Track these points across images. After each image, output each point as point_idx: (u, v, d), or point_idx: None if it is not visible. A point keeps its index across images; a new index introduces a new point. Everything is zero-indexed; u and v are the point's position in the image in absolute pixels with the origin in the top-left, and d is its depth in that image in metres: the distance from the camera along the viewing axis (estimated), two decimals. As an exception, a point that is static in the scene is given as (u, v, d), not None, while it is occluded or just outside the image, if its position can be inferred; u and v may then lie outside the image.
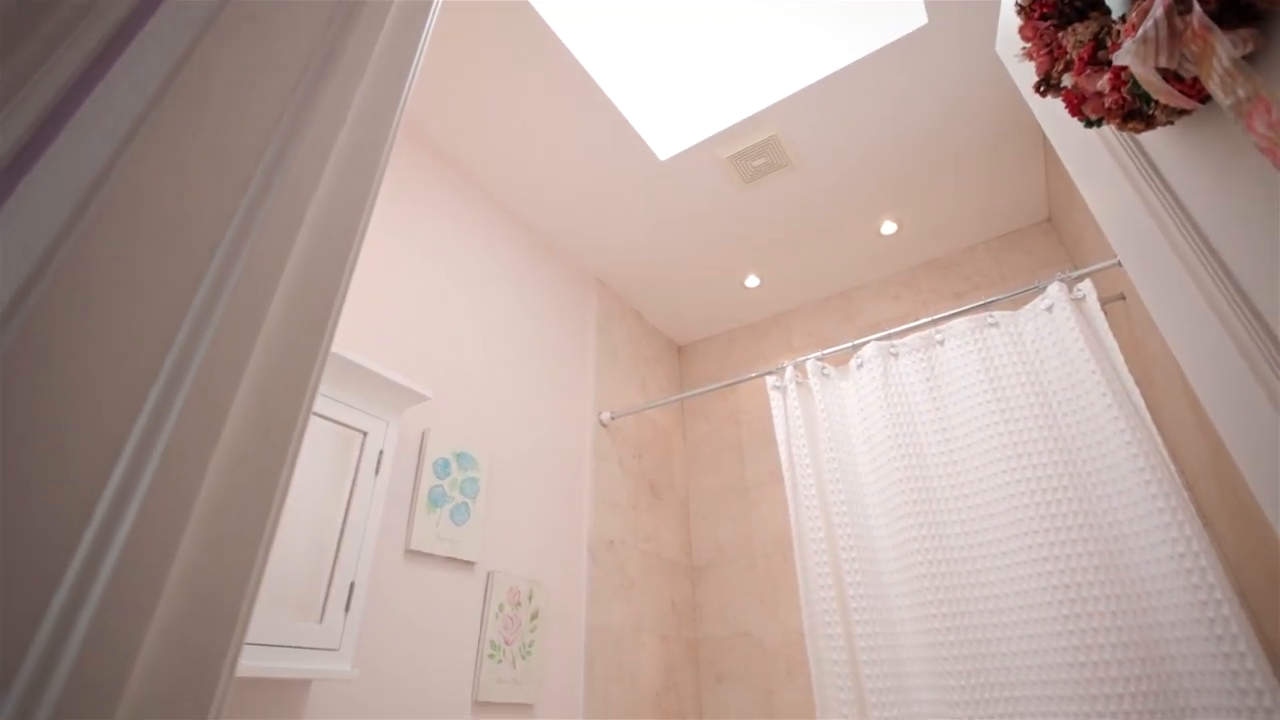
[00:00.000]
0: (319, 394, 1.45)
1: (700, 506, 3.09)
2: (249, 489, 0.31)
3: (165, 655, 0.28)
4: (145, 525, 0.27)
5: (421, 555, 1.74)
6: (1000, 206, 2.63)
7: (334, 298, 0.39)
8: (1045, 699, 1.44)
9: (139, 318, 0.31)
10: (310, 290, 0.38)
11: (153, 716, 0.26)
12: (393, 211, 2.02)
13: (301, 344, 0.37)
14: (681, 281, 3.04)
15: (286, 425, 0.34)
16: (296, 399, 0.35)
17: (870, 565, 1.81)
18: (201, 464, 0.30)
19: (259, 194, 0.37)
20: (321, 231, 0.40)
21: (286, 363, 0.35)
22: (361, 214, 0.44)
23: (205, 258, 0.34)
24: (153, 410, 0.29)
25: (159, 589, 0.28)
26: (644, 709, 2.35)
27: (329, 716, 1.42)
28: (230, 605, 0.30)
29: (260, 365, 0.33)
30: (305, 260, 0.38)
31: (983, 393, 1.79)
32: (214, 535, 0.30)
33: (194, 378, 0.31)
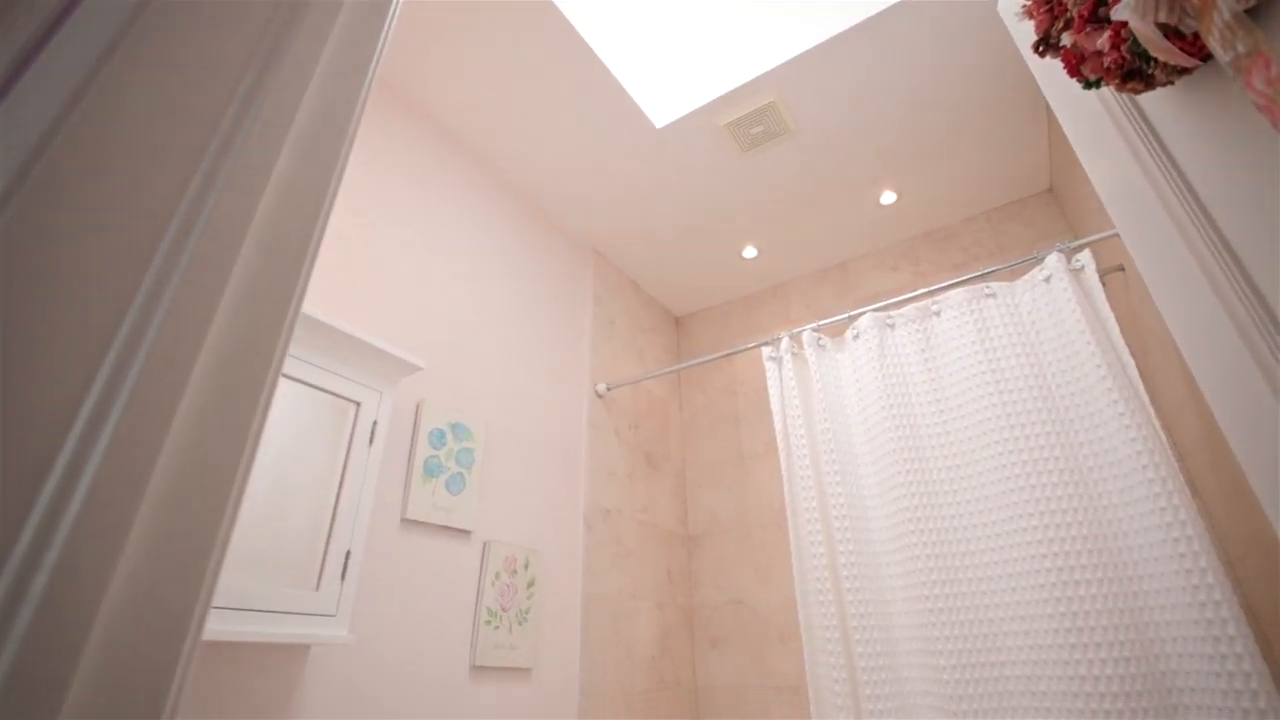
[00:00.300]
0: (311, 364, 1.45)
1: (697, 477, 3.12)
2: (213, 449, 0.31)
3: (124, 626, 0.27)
4: (100, 492, 0.27)
5: (418, 524, 1.75)
6: (1001, 176, 2.59)
7: (303, 257, 0.39)
8: (1032, 663, 1.47)
9: (96, 276, 0.31)
10: (278, 249, 0.37)
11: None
12: (386, 182, 1.99)
13: (269, 304, 0.36)
14: (679, 252, 3.02)
15: (253, 386, 0.34)
16: (265, 358, 0.35)
17: (862, 535, 1.83)
18: (165, 420, 0.29)
19: (219, 154, 0.35)
20: (290, 189, 0.39)
21: (253, 322, 0.34)
22: (333, 170, 0.43)
23: (164, 219, 0.33)
24: (108, 378, 0.28)
25: (118, 552, 0.27)
26: (639, 673, 2.40)
27: (328, 680, 1.44)
28: (194, 576, 0.30)
29: (224, 326, 0.33)
30: (272, 219, 0.37)
31: (978, 364, 1.78)
32: (175, 500, 0.29)
33: (153, 341, 0.30)
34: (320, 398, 1.49)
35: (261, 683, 1.33)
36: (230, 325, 0.33)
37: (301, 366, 1.45)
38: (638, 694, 2.36)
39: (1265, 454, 0.69)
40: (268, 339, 0.35)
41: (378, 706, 1.52)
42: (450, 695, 1.70)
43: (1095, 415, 1.58)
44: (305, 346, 1.46)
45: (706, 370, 3.33)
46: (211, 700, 1.25)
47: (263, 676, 1.34)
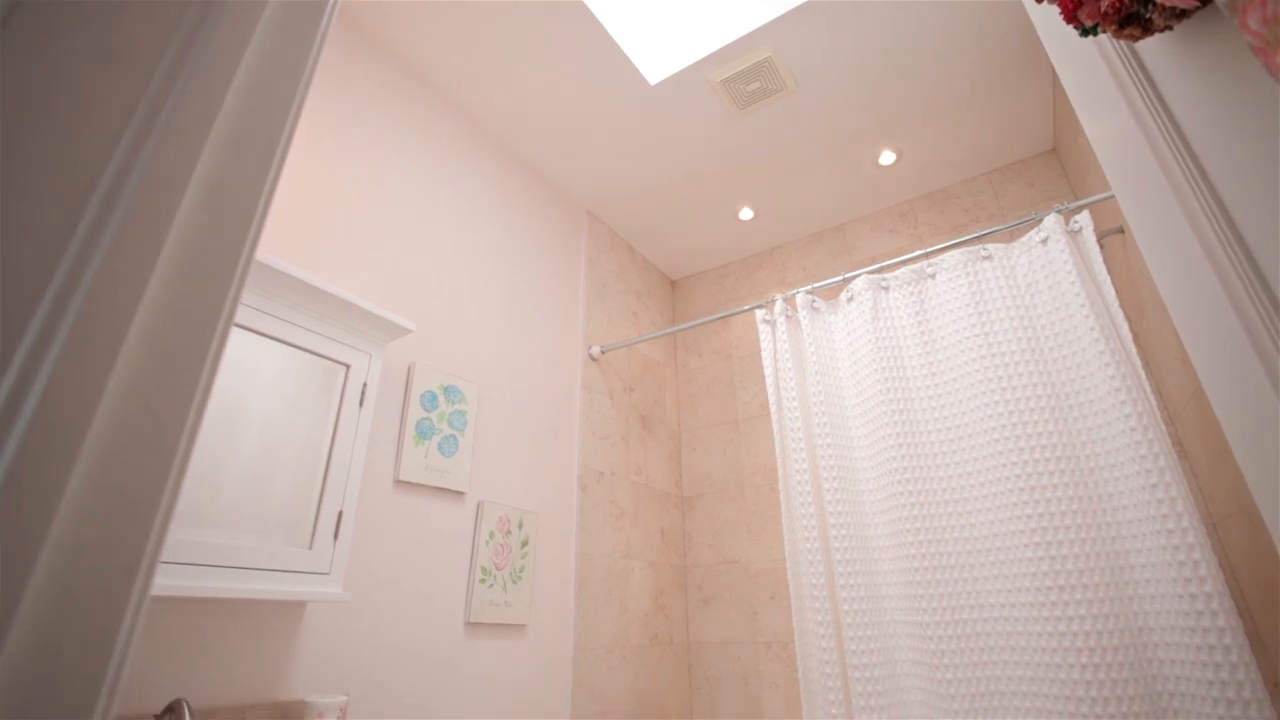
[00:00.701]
0: (298, 326, 1.44)
1: (691, 439, 3.14)
2: (156, 405, 0.30)
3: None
4: (31, 452, 0.26)
5: (411, 485, 1.77)
6: (1004, 135, 2.53)
7: (254, 208, 0.37)
8: (1013, 619, 1.50)
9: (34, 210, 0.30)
10: (225, 200, 0.36)
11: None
12: (376, 143, 1.95)
13: (216, 255, 0.35)
14: (674, 214, 2.97)
15: (200, 340, 0.33)
16: (212, 311, 0.34)
17: (852, 495, 1.85)
18: (100, 377, 0.29)
19: (157, 99, 0.34)
20: (236, 138, 0.37)
21: (198, 274, 0.33)
22: (285, 119, 0.41)
23: (98, 167, 0.32)
24: (37, 333, 0.27)
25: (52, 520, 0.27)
26: (633, 629, 2.46)
27: (326, 637, 1.48)
28: (135, 537, 0.29)
29: (166, 278, 0.32)
30: (216, 169, 0.35)
31: (971, 327, 1.77)
32: (114, 462, 0.29)
33: (87, 291, 0.29)
34: (309, 360, 1.48)
35: (260, 639, 1.36)
36: (173, 278, 0.32)
37: (288, 328, 1.44)
38: (631, 649, 2.42)
39: (1264, 451, 0.66)
40: (215, 291, 0.34)
41: (375, 661, 1.56)
42: (446, 650, 1.74)
43: (1086, 379, 1.58)
44: (291, 308, 1.45)
45: (702, 334, 3.32)
46: (211, 656, 1.28)
47: (261, 633, 1.37)
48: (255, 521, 1.31)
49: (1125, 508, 1.44)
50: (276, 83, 0.41)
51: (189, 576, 1.18)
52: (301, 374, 1.46)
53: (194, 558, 1.19)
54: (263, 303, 1.40)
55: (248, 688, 1.32)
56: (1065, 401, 1.60)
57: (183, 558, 1.17)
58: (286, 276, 1.40)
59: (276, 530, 1.34)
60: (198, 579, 1.19)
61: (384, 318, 1.60)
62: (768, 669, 2.56)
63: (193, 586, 1.17)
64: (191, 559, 1.19)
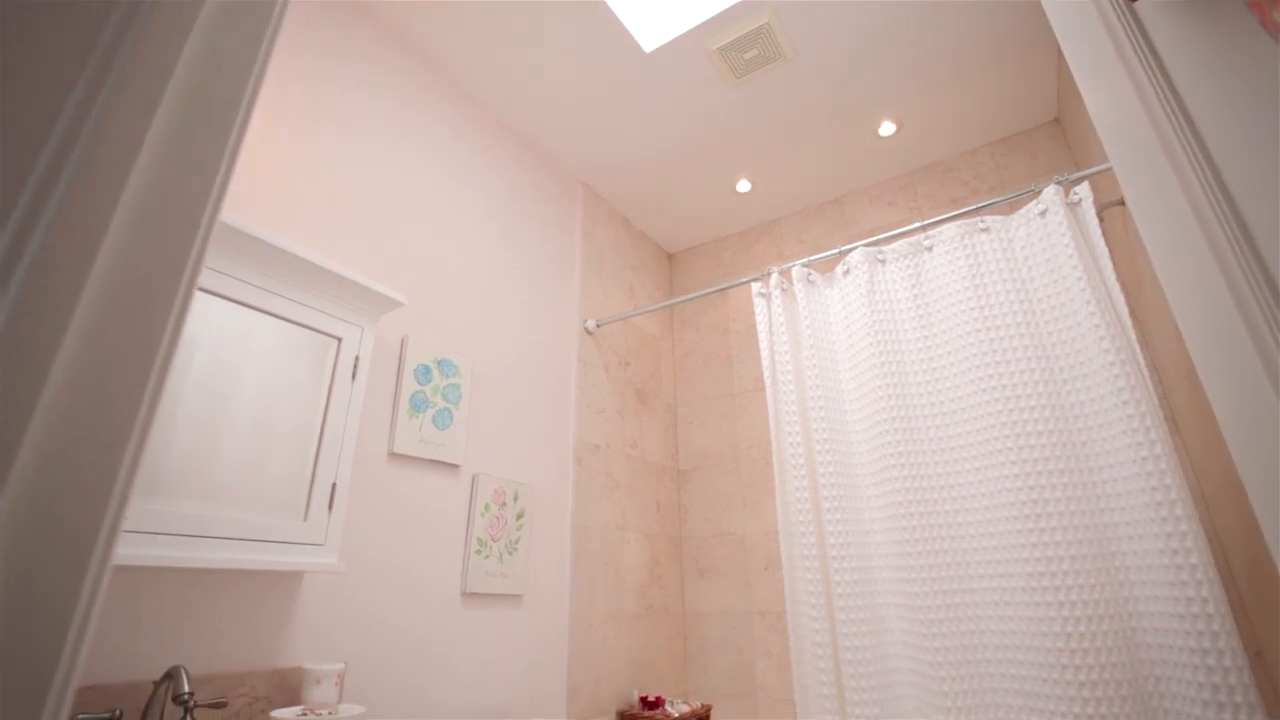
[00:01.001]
0: (289, 299, 1.43)
1: (688, 413, 3.15)
2: (113, 369, 0.30)
3: None
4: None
5: (406, 458, 1.78)
6: (1007, 105, 2.49)
7: (215, 167, 0.36)
8: (1001, 590, 1.52)
9: None
10: (185, 158, 0.35)
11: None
12: (367, 115, 1.91)
13: (175, 213, 0.34)
14: (671, 186, 2.94)
15: (159, 303, 0.32)
16: (173, 272, 0.33)
17: (845, 468, 1.85)
18: (53, 339, 0.28)
19: (108, 54, 0.33)
20: (196, 96, 0.36)
21: (157, 234, 0.33)
22: (248, 77, 0.40)
23: (47, 122, 0.31)
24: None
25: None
26: (628, 599, 2.49)
27: (324, 606, 1.50)
28: (94, 505, 0.29)
29: (121, 238, 0.31)
30: (175, 126, 0.34)
31: (967, 300, 1.76)
32: (70, 429, 0.28)
33: (40, 244, 0.28)
34: (300, 333, 1.47)
35: (257, 609, 1.38)
36: (128, 239, 0.31)
37: (278, 301, 1.43)
38: (627, 619, 2.46)
39: (1261, 447, 0.64)
40: (175, 251, 0.33)
41: (373, 630, 1.58)
42: (443, 619, 1.76)
43: (1081, 352, 1.57)
44: (281, 281, 1.44)
45: (699, 308, 3.31)
46: (209, 625, 1.29)
47: (258, 603, 1.38)
48: (250, 493, 1.32)
49: (1115, 480, 1.44)
50: (239, 36, 0.39)
51: (184, 547, 1.19)
52: (293, 347, 1.46)
53: (188, 529, 1.20)
54: (252, 276, 1.38)
55: (246, 655, 1.35)
56: (1059, 375, 1.60)
57: (177, 529, 1.18)
58: (275, 249, 1.38)
59: (271, 502, 1.35)
60: (193, 550, 1.20)
61: (375, 290, 1.58)
62: (761, 638, 2.60)
63: (187, 557, 1.18)
64: (185, 530, 1.19)
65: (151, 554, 1.14)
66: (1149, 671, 1.32)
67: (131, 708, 1.14)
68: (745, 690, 2.57)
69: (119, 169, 0.32)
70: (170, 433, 1.22)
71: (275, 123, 1.66)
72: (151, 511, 1.16)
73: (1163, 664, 1.30)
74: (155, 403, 0.32)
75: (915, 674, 1.60)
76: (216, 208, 0.36)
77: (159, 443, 1.20)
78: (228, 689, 1.28)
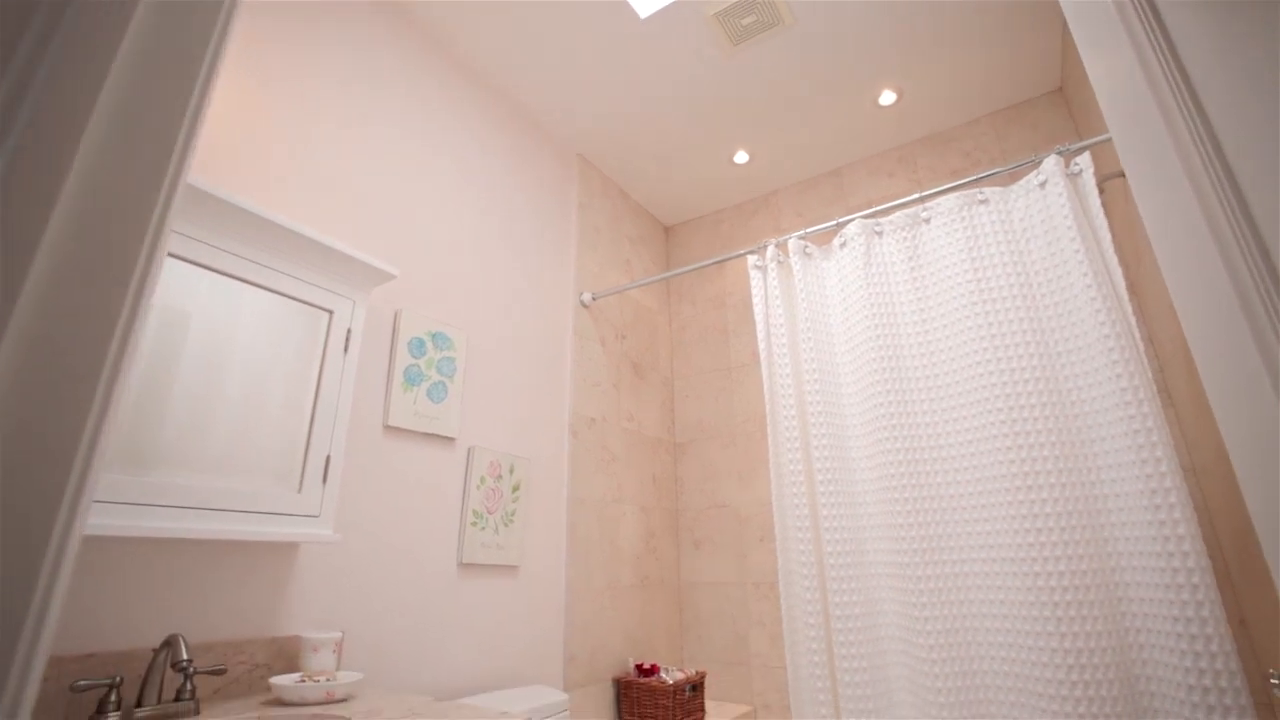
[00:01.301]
0: (278, 271, 1.41)
1: (684, 386, 3.15)
2: (67, 338, 0.29)
3: None
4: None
5: (400, 431, 1.78)
6: (1010, 73, 2.44)
7: (175, 130, 0.35)
8: (991, 560, 1.54)
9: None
10: (142, 120, 0.34)
11: None
12: (356, 85, 1.87)
13: (134, 177, 0.33)
14: (668, 157, 2.89)
15: (119, 268, 0.31)
16: (133, 238, 0.32)
17: (838, 441, 1.86)
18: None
19: (52, 17, 0.31)
20: (151, 57, 0.35)
21: (113, 198, 0.32)
22: (209, 37, 0.39)
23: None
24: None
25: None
26: (624, 570, 2.53)
27: (320, 575, 1.51)
28: (53, 484, 0.28)
29: (73, 202, 0.30)
30: (128, 88, 0.33)
31: (963, 272, 1.75)
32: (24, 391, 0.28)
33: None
34: (291, 306, 1.46)
35: (255, 578, 1.39)
36: (81, 202, 0.30)
37: (268, 274, 1.41)
38: (623, 589, 2.49)
39: (1259, 445, 0.63)
40: (135, 215, 0.32)
41: (371, 599, 1.60)
42: (440, 589, 1.79)
43: (1077, 325, 1.56)
44: (271, 254, 1.42)
45: (696, 282, 3.29)
46: (207, 595, 1.31)
47: (256, 573, 1.40)
48: (244, 465, 1.32)
49: (1107, 453, 1.45)
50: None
51: (180, 519, 1.19)
52: (284, 320, 1.45)
53: (184, 501, 1.20)
54: (240, 248, 1.37)
55: (245, 624, 1.36)
56: (1054, 349, 1.59)
57: (173, 501, 1.19)
58: (262, 220, 1.36)
59: (265, 474, 1.36)
60: (189, 521, 1.21)
61: (366, 263, 1.57)
62: (755, 608, 2.64)
63: (184, 528, 1.18)
64: (181, 502, 1.20)
65: (148, 525, 1.15)
66: (1133, 639, 1.34)
67: (132, 675, 1.16)
68: (739, 659, 2.62)
69: (71, 129, 0.31)
70: (166, 406, 1.22)
71: (263, 95, 1.63)
72: (148, 484, 1.16)
73: (1147, 632, 1.32)
74: (115, 378, 0.31)
75: (905, 643, 1.63)
76: (180, 169, 0.35)
77: (154, 416, 1.20)
78: (227, 656, 1.30)
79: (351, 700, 1.26)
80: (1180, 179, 0.74)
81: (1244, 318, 0.64)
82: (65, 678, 1.08)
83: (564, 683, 2.12)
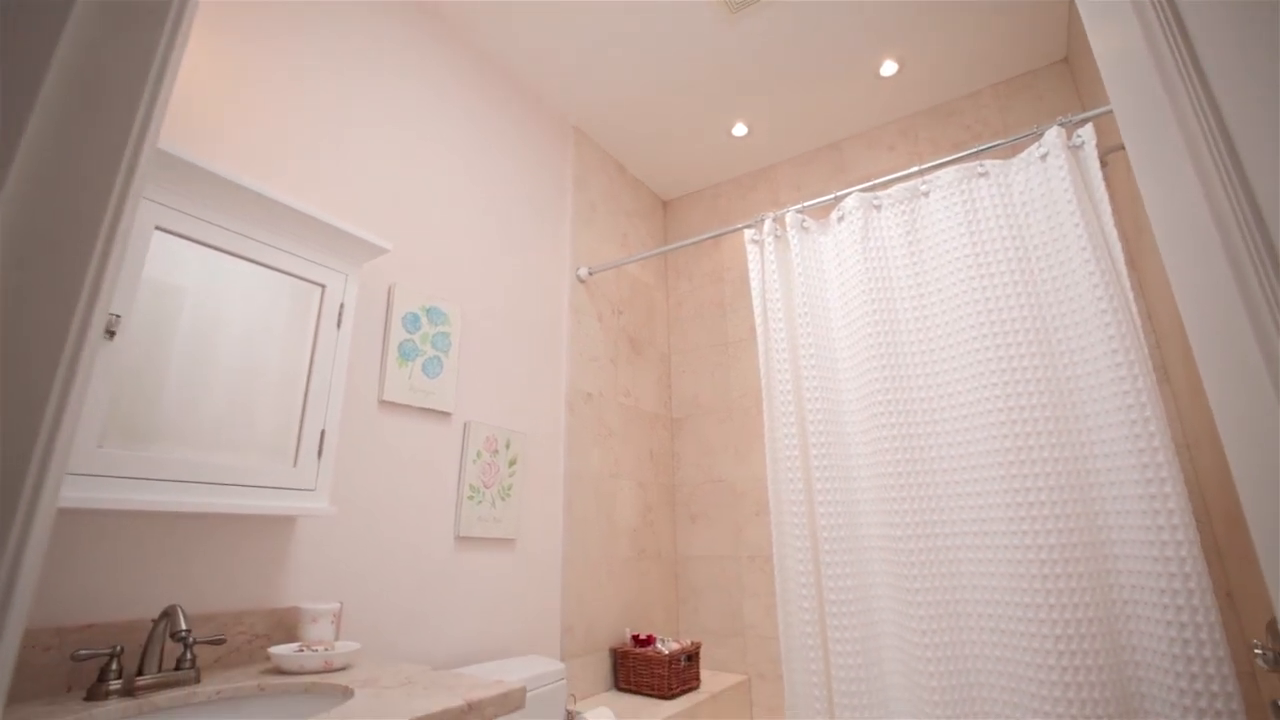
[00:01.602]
0: (268, 245, 1.40)
1: (681, 362, 3.15)
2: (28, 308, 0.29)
3: None
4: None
5: (395, 406, 1.78)
6: (1015, 42, 2.39)
7: (138, 92, 0.34)
8: (982, 534, 1.55)
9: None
10: (102, 80, 0.33)
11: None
12: (347, 56, 1.83)
13: (95, 142, 0.32)
14: (665, 130, 2.85)
15: (82, 237, 0.31)
16: (95, 205, 0.32)
17: (833, 416, 1.86)
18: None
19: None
20: (113, 12, 0.34)
21: (75, 161, 0.31)
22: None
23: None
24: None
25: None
26: (621, 544, 2.55)
27: (318, 548, 1.53)
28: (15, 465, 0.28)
29: (29, 165, 0.29)
30: (85, 51, 0.32)
31: (961, 247, 1.73)
32: None
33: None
34: (283, 280, 1.45)
35: (253, 551, 1.41)
36: (37, 167, 0.30)
37: (258, 248, 1.40)
38: (619, 562, 2.52)
39: (1250, 416, 0.61)
40: (98, 180, 0.32)
41: (368, 572, 1.62)
42: (438, 562, 1.81)
43: (1074, 299, 1.56)
44: (261, 227, 1.40)
45: (694, 257, 3.27)
46: (206, 567, 1.32)
47: (253, 546, 1.41)
48: (240, 440, 1.33)
49: (1100, 428, 1.45)
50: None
51: (176, 492, 1.20)
52: (277, 295, 1.44)
53: (180, 475, 1.21)
54: (231, 222, 1.35)
55: (244, 595, 1.38)
56: (1051, 324, 1.59)
57: (169, 475, 1.19)
58: (252, 194, 1.35)
59: (260, 448, 1.36)
60: (186, 494, 1.21)
61: (357, 236, 1.55)
62: (750, 580, 2.68)
63: (180, 501, 1.19)
64: (178, 476, 1.21)
65: (147, 499, 1.15)
66: (1120, 610, 1.36)
67: (132, 645, 1.17)
68: (734, 630, 2.66)
69: (24, 92, 0.30)
70: (163, 382, 1.22)
71: (251, 70, 1.59)
72: (146, 458, 1.17)
73: (1135, 604, 1.33)
74: (77, 360, 0.30)
75: (896, 614, 1.65)
76: (145, 131, 0.34)
77: (152, 391, 1.20)
78: (227, 627, 1.32)
79: (349, 669, 1.28)
80: (1180, 151, 0.72)
81: (1239, 296, 0.62)
82: (66, 647, 1.10)
83: (561, 653, 2.15)
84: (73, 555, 1.15)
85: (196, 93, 1.47)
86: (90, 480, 1.10)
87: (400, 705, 1.00)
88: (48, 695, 1.06)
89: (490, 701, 1.08)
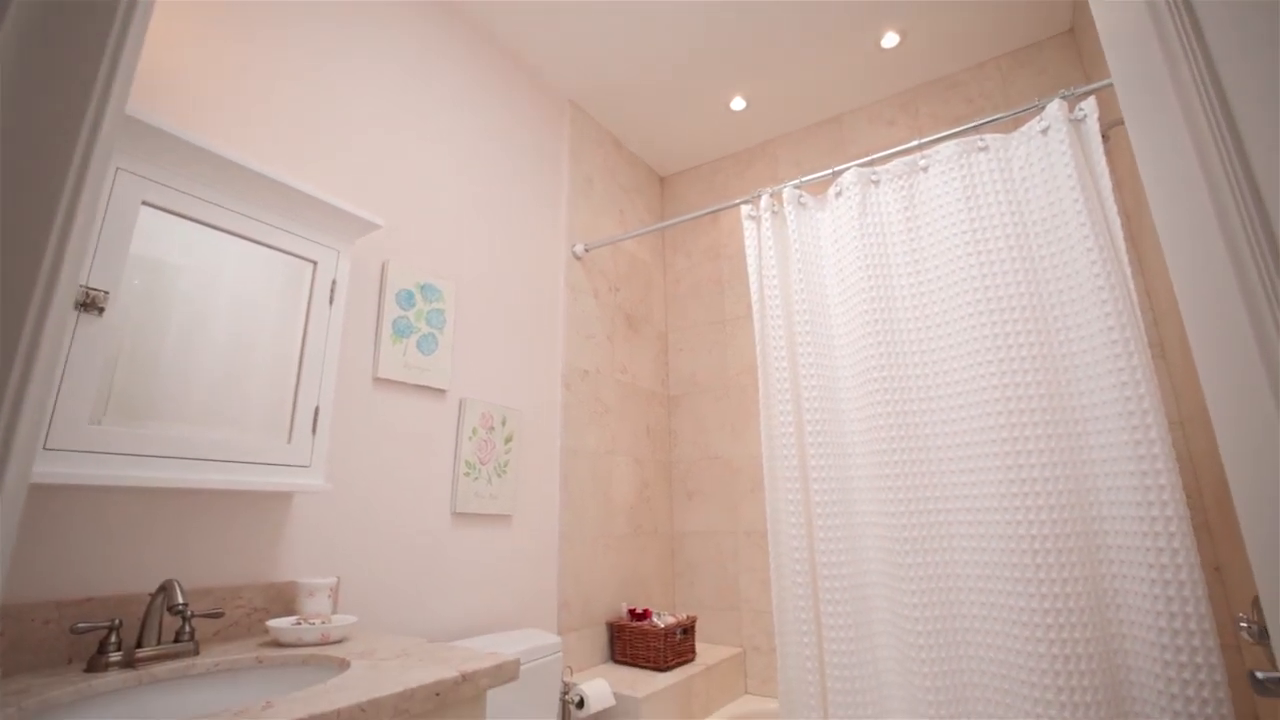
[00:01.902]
0: (259, 221, 1.38)
1: (678, 339, 3.14)
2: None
3: None
4: None
5: (390, 383, 1.78)
6: (1018, 12, 2.34)
7: (99, 52, 0.33)
8: (976, 509, 1.56)
9: None
10: (62, 39, 0.32)
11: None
12: (338, 28, 1.79)
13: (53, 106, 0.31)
14: (663, 104, 2.80)
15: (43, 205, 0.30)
16: (56, 172, 0.31)
17: (829, 393, 1.86)
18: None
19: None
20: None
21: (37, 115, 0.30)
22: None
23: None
24: None
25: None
26: (618, 520, 2.57)
27: (315, 524, 1.54)
28: None
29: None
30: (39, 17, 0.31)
31: (959, 222, 1.72)
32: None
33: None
34: (274, 256, 1.44)
35: (249, 527, 1.42)
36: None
37: (249, 224, 1.38)
38: (616, 538, 2.54)
39: (1244, 402, 0.60)
40: (58, 145, 0.31)
41: (365, 547, 1.64)
42: (434, 537, 1.82)
43: (1072, 276, 1.54)
44: (251, 203, 1.39)
45: (691, 234, 3.24)
46: (202, 542, 1.33)
47: (250, 521, 1.42)
48: (233, 417, 1.33)
49: (1095, 404, 1.45)
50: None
51: (172, 469, 1.20)
52: (269, 271, 1.43)
53: (176, 451, 1.21)
54: (221, 197, 1.34)
55: (242, 570, 1.39)
56: (1048, 300, 1.58)
57: (164, 451, 1.20)
58: (241, 168, 1.33)
59: (255, 425, 1.36)
60: (181, 471, 1.22)
61: (349, 212, 1.54)
62: (745, 556, 2.70)
63: (176, 478, 1.20)
64: (173, 452, 1.21)
65: (142, 475, 1.16)
66: (1109, 585, 1.37)
67: (131, 619, 1.19)
68: (730, 604, 2.70)
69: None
70: (158, 359, 1.22)
71: (241, 39, 1.56)
72: (142, 435, 1.17)
73: (1123, 578, 1.35)
74: (40, 332, 0.30)
75: (888, 589, 1.67)
76: (108, 91, 0.33)
77: (148, 369, 1.20)
78: (225, 601, 1.34)
79: (346, 642, 1.30)
80: (1179, 125, 0.71)
81: (1236, 281, 0.61)
82: (65, 620, 1.11)
83: (558, 627, 2.18)
84: (70, 530, 1.16)
85: (184, 68, 1.44)
86: (86, 457, 1.10)
87: (396, 676, 1.02)
88: (48, 667, 1.08)
89: (484, 673, 1.09)
